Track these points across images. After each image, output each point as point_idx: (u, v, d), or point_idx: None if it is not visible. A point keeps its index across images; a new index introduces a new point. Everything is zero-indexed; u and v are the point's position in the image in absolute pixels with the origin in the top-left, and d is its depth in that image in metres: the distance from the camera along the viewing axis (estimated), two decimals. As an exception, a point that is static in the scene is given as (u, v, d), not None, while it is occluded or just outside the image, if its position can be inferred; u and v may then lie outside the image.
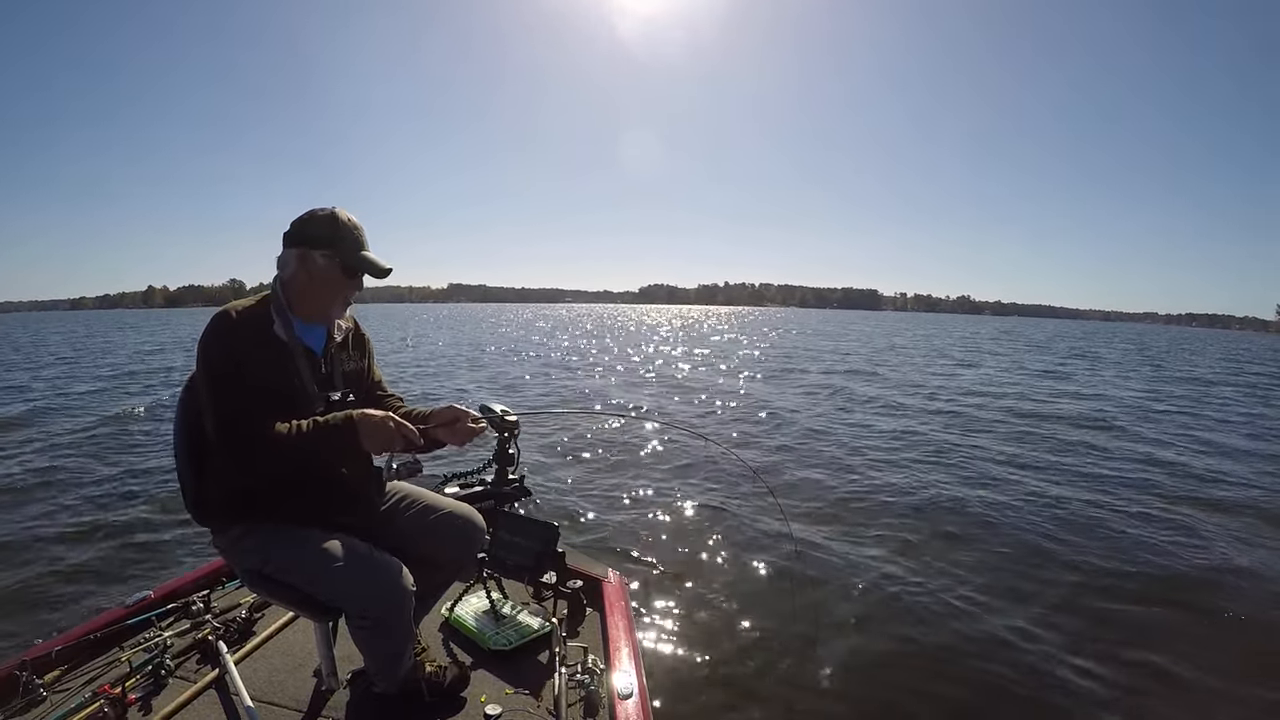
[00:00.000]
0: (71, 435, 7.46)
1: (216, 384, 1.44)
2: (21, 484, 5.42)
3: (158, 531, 4.25)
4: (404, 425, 1.48)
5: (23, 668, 1.69)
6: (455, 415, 1.63)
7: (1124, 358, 24.87)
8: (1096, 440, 7.75)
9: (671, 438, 7.08)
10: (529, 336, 29.75)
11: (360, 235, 1.57)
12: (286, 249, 1.55)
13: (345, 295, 1.60)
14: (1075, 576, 3.73)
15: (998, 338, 40.08)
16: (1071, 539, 4.28)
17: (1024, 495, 5.26)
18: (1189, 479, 6.00)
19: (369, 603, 1.49)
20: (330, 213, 1.55)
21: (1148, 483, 5.80)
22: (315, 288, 1.55)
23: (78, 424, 8.12)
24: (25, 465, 6.11)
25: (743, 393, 11.41)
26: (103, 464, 6.17)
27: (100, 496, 5.07)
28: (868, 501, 5.05)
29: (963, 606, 3.32)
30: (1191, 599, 3.50)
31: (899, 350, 24.36)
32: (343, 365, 1.67)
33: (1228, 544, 4.30)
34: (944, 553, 4.01)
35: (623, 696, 1.63)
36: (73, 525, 4.41)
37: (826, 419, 8.79)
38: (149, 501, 4.89)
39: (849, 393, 11.63)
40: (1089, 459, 6.75)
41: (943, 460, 6.47)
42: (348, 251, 1.54)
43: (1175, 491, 5.56)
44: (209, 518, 1.59)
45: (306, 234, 1.53)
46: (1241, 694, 2.68)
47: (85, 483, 5.48)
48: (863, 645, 2.96)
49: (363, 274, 1.58)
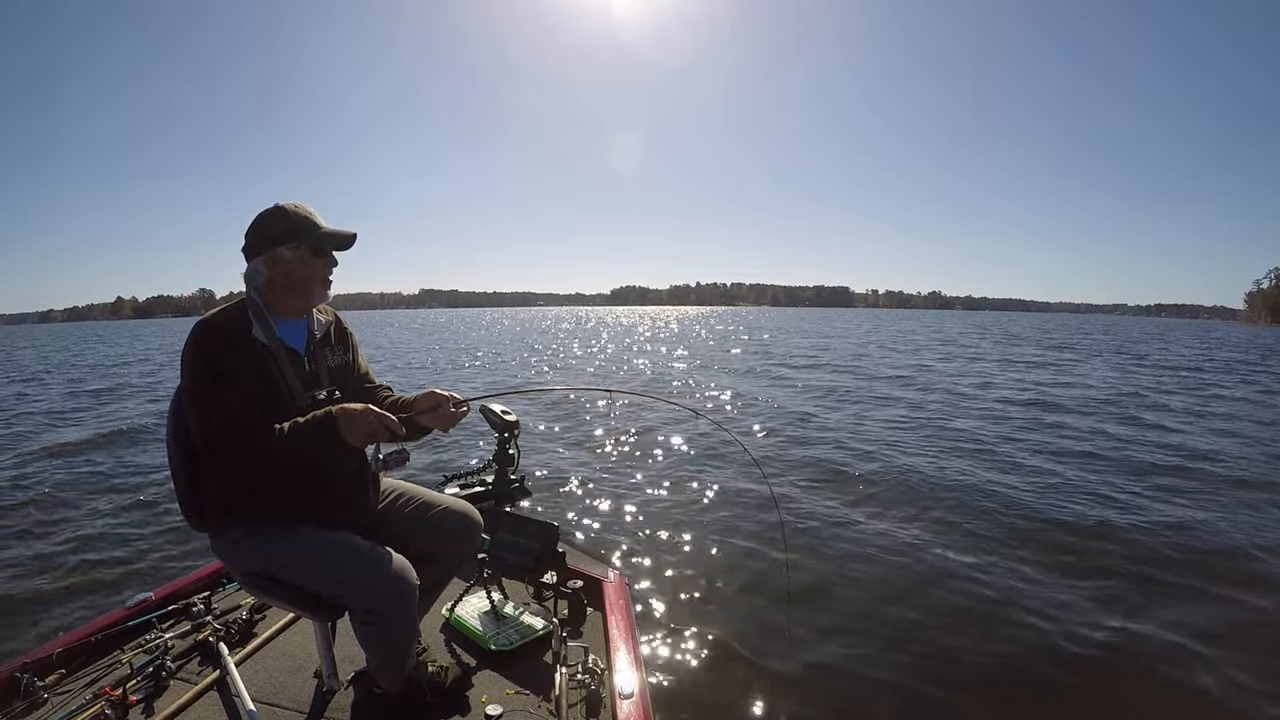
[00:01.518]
0: (68, 440, 7.46)
1: (198, 394, 1.44)
2: (21, 488, 5.42)
3: (158, 533, 4.26)
4: (384, 416, 1.47)
5: (24, 670, 1.70)
6: (437, 401, 1.62)
7: (1103, 348, 25.11)
8: (1119, 431, 7.76)
9: (672, 437, 7.09)
10: (553, 346, 25.23)
11: (313, 216, 1.57)
12: (251, 260, 1.55)
13: (323, 276, 1.61)
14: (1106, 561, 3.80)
15: (966, 331, 41.44)
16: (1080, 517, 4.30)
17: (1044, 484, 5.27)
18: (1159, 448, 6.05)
19: (375, 599, 1.48)
20: (276, 208, 1.55)
21: (1155, 465, 5.83)
22: (293, 282, 1.56)
23: (75, 428, 8.13)
24: (24, 468, 6.11)
25: (730, 392, 11.41)
26: (101, 467, 6.18)
27: (100, 499, 5.07)
28: (867, 500, 5.05)
29: (968, 604, 3.32)
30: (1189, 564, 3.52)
31: (895, 347, 24.37)
32: (327, 361, 1.67)
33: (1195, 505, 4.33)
34: (946, 549, 4.01)
35: (624, 696, 1.63)
36: (73, 528, 4.41)
37: (821, 415, 8.79)
38: (149, 504, 4.89)
39: (843, 390, 11.63)
40: (1114, 450, 6.76)
41: (955, 456, 6.47)
42: (309, 234, 1.54)
43: (1154, 462, 5.58)
44: (206, 522, 1.59)
45: (265, 235, 1.54)
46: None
47: (84, 486, 5.49)
48: (863, 644, 2.95)
49: (331, 249, 1.59)
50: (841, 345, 25.21)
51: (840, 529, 4.36)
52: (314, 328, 1.65)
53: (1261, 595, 3.46)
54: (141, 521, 4.51)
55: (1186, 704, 2.60)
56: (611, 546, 4.05)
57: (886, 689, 2.64)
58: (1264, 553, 3.98)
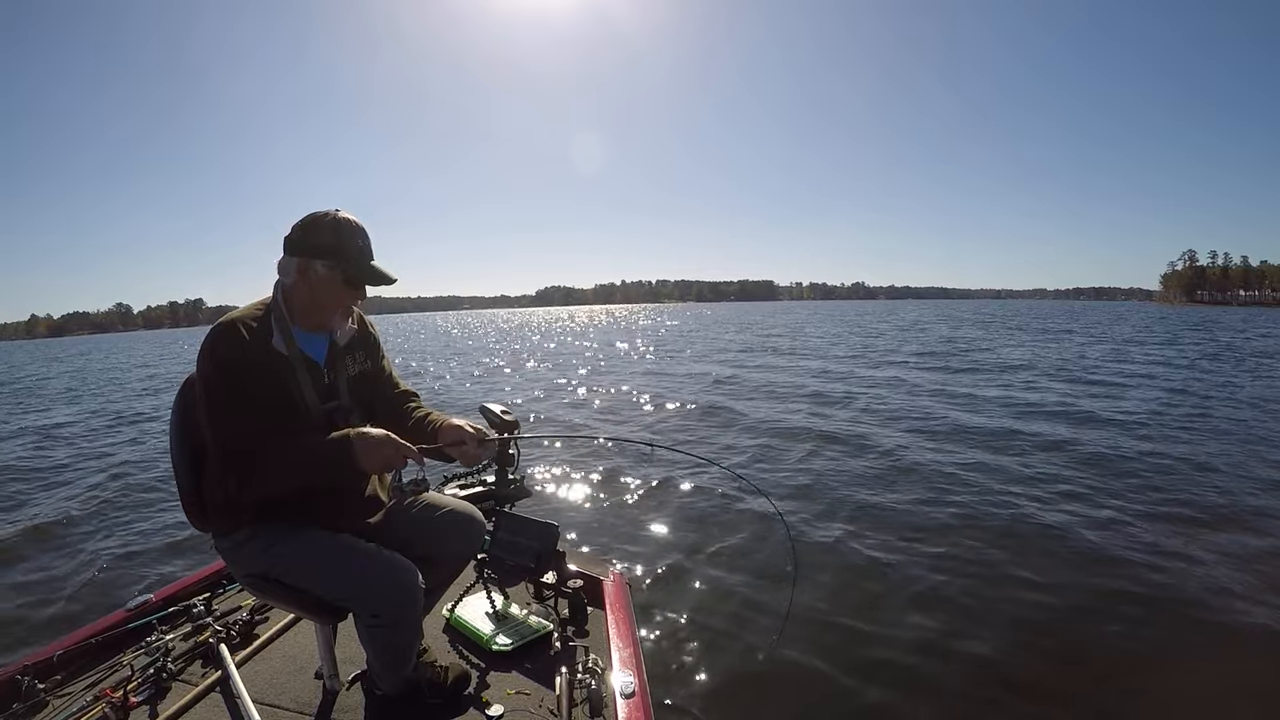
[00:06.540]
0: (66, 443, 7.45)
1: (214, 400, 1.42)
2: (19, 491, 5.42)
3: (158, 535, 4.26)
4: (404, 446, 1.45)
5: (25, 672, 1.70)
6: (462, 437, 1.60)
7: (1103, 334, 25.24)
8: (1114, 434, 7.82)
9: (670, 440, 7.08)
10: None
11: (365, 243, 1.53)
12: (288, 256, 1.50)
13: (346, 306, 1.58)
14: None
15: (884, 317, 41.80)
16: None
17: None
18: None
19: (382, 602, 1.48)
20: (333, 219, 1.49)
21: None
22: (315, 299, 1.53)
23: (72, 430, 8.12)
24: (22, 469, 6.11)
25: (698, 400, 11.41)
26: (100, 469, 6.17)
27: (99, 501, 5.07)
28: (870, 502, 5.05)
29: (963, 598, 3.32)
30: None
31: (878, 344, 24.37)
32: (347, 370, 1.65)
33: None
34: (941, 550, 4.01)
35: (624, 696, 1.63)
36: (72, 530, 4.41)
37: (804, 415, 8.79)
38: (148, 505, 4.89)
39: (823, 385, 11.63)
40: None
41: (941, 452, 6.48)
42: (350, 262, 1.50)
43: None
44: (210, 522, 1.58)
45: (308, 242, 1.49)
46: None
47: (84, 488, 5.48)
48: (864, 645, 2.96)
49: (365, 284, 1.55)
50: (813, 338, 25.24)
51: (844, 533, 4.36)
52: (336, 336, 1.62)
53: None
54: (141, 522, 4.51)
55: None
56: (611, 546, 4.06)
57: (887, 688, 2.64)
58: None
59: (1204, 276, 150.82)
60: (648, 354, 20.06)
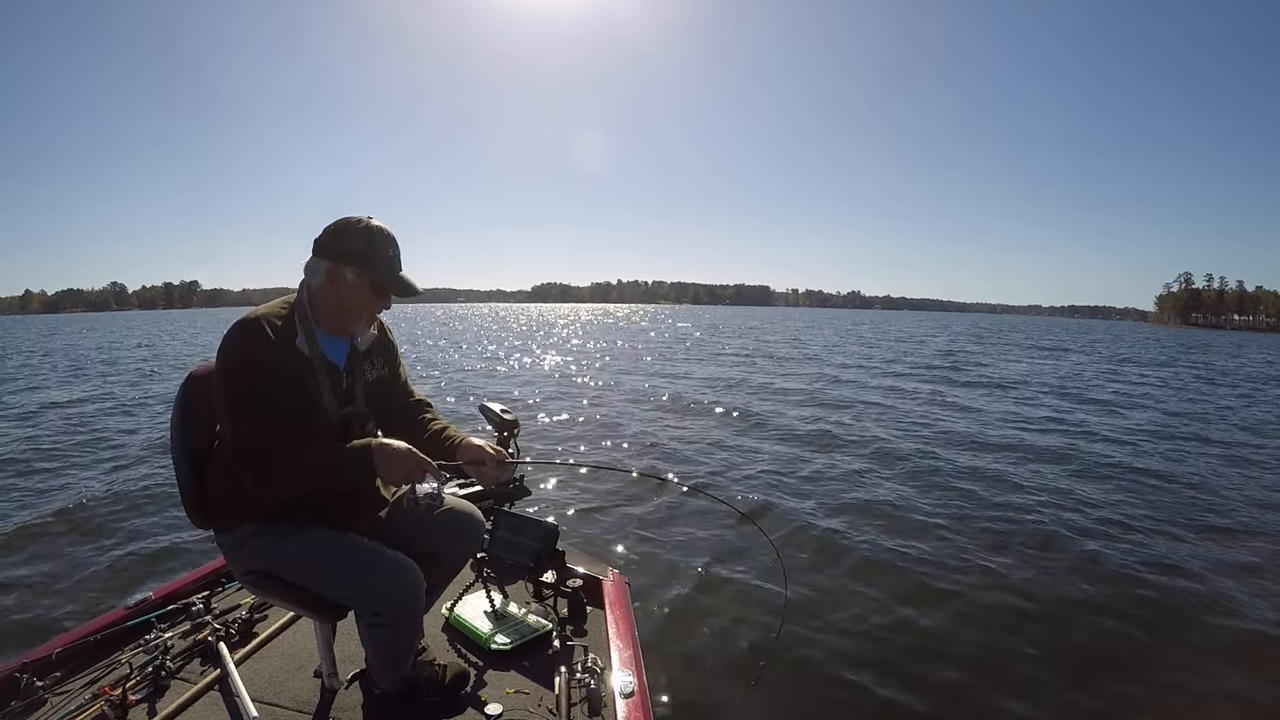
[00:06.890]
0: (64, 439, 7.45)
1: (235, 395, 1.40)
2: (17, 488, 5.41)
3: (157, 532, 4.25)
4: (425, 461, 1.45)
5: (23, 670, 1.69)
6: (482, 457, 1.59)
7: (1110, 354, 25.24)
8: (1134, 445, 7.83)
9: (672, 438, 7.08)
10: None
11: (395, 253, 1.53)
12: (316, 258, 1.50)
13: (371, 314, 1.58)
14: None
15: (874, 324, 41.98)
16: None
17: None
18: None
19: (385, 602, 1.48)
20: (366, 226, 1.50)
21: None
22: (342, 305, 1.52)
23: (69, 427, 8.12)
24: (20, 470, 6.10)
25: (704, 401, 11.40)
26: (99, 466, 6.16)
27: (98, 498, 5.06)
28: (861, 501, 5.06)
29: (960, 602, 3.32)
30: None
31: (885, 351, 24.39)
32: (365, 376, 1.64)
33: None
34: (938, 553, 4.01)
35: (624, 695, 1.63)
36: (71, 528, 4.40)
37: (804, 420, 8.80)
38: (147, 502, 4.88)
39: (830, 393, 11.63)
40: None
41: (932, 466, 6.48)
42: (380, 271, 1.50)
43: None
44: (211, 519, 1.58)
45: (338, 247, 1.49)
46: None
47: (82, 484, 5.48)
48: (860, 645, 2.96)
49: (393, 294, 1.55)
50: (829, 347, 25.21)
51: (837, 534, 4.37)
52: (357, 342, 1.62)
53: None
54: (140, 520, 4.50)
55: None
56: (611, 546, 4.06)
57: (884, 689, 2.65)
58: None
59: (1199, 299, 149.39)
60: (675, 355, 20.05)
